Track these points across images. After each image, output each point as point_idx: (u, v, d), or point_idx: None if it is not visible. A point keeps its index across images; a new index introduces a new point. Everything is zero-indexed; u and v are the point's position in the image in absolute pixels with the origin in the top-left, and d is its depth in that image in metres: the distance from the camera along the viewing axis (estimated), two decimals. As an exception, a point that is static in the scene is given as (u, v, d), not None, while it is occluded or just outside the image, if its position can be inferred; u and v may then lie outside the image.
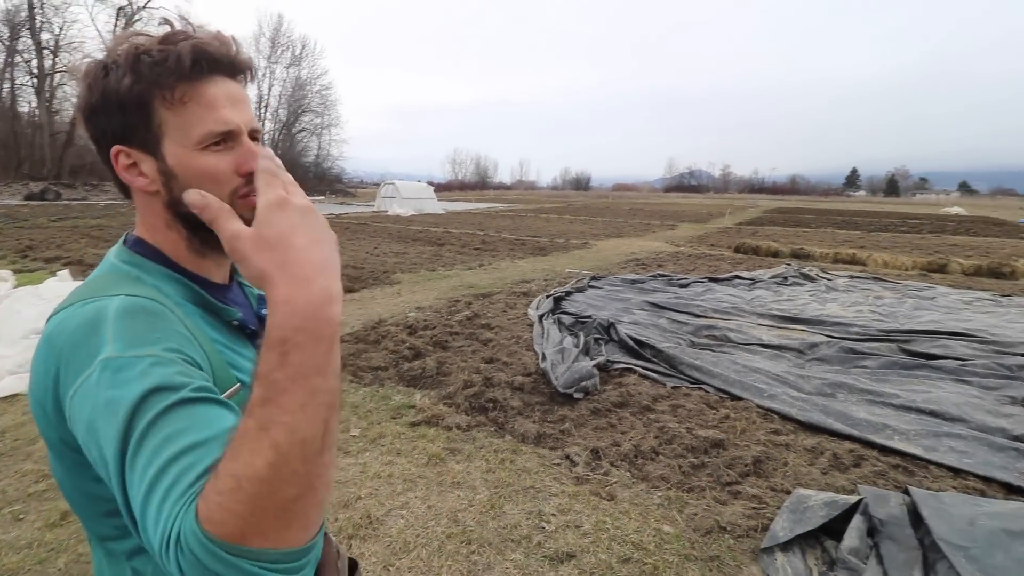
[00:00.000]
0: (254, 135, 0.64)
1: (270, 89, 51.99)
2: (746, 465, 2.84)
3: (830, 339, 4.92)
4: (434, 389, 3.83)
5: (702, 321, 5.54)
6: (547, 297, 6.38)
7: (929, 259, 10.75)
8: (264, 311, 0.55)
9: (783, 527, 2.19)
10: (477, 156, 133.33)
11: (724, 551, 2.17)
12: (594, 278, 7.92)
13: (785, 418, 3.41)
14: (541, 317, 5.48)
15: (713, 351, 4.68)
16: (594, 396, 3.69)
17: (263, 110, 51.77)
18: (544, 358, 4.15)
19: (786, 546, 2.12)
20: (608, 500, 2.52)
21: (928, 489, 2.45)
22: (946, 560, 1.78)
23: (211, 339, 0.63)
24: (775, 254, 11.71)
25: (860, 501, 2.15)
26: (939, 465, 2.87)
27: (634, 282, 7.76)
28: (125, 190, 0.64)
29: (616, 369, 4.23)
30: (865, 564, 1.95)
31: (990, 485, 2.70)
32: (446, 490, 2.57)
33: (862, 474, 2.76)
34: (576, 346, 4.48)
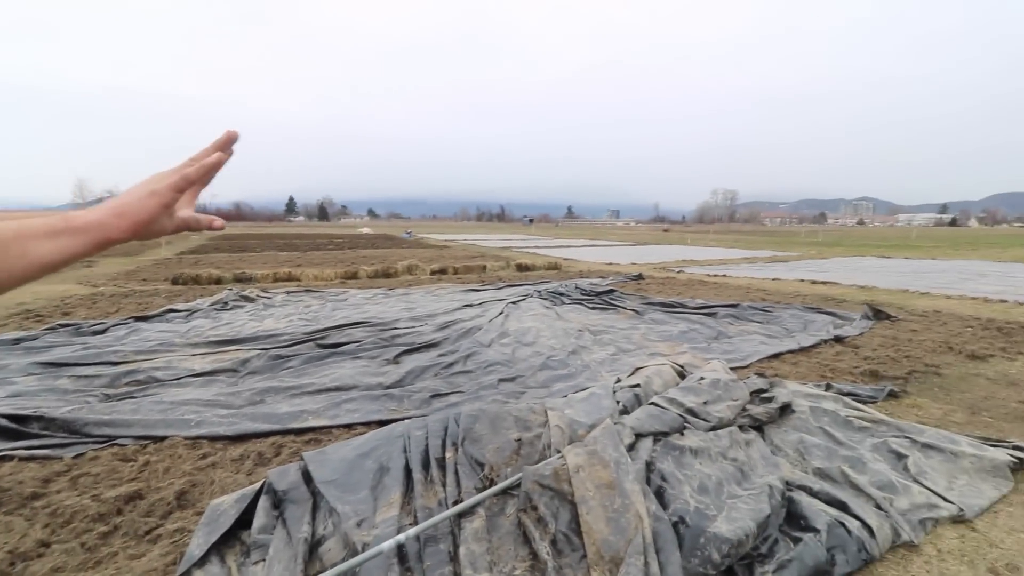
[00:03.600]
0: None
1: None
2: (168, 504, 2.65)
3: (262, 351, 5.30)
4: None
5: (121, 368, 4.76)
6: None
7: (346, 269, 13.40)
8: None
9: (198, 544, 2.17)
10: None
11: (131, 609, 1.94)
12: (-64, 350, 5.36)
13: (214, 439, 3.40)
14: None
15: (135, 397, 4.11)
16: (-78, 519, 2.49)
17: None
18: None
19: (202, 560, 2.11)
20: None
21: (320, 450, 3.03)
22: (323, 495, 2.25)
23: None
24: (218, 281, 11.53)
25: (264, 483, 2.40)
26: (339, 426, 3.62)
27: (19, 341, 5.78)
28: None
29: (-25, 466, 3.02)
30: (273, 534, 2.21)
31: (371, 426, 3.64)
32: None
33: (282, 460, 3.12)
34: None
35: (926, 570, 2.12)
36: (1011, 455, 2.85)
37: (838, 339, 6.11)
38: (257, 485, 2.46)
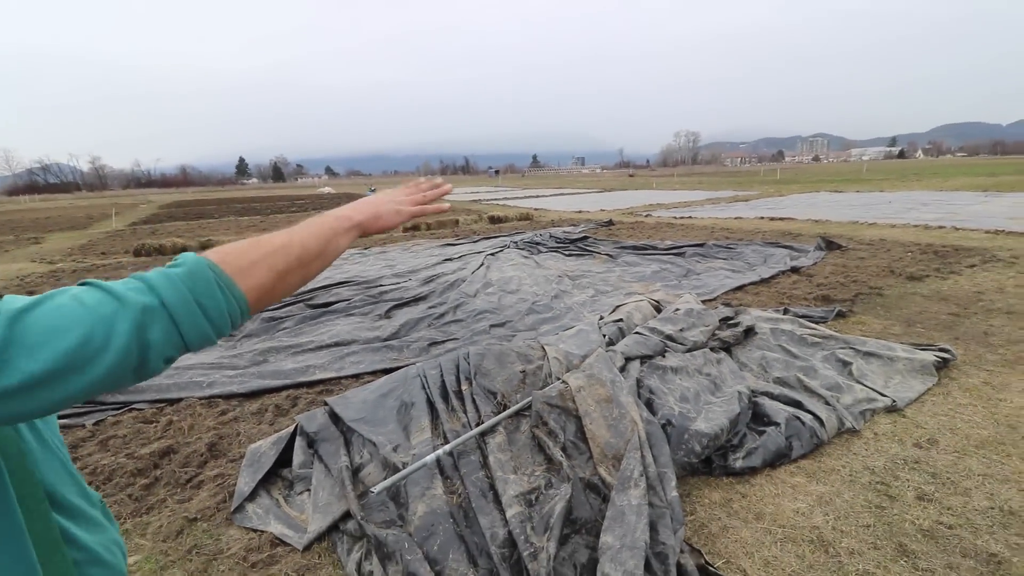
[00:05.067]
0: None
1: None
2: (201, 455, 2.88)
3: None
4: None
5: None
6: None
7: (315, 231, 13.27)
8: None
9: (245, 482, 2.44)
10: None
11: (200, 535, 2.22)
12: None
13: (229, 397, 3.61)
14: None
15: (138, 365, 4.23)
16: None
17: None
18: None
19: (252, 495, 2.39)
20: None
21: (341, 395, 3.29)
22: (353, 431, 2.53)
23: None
24: (183, 250, 11.14)
25: (296, 427, 2.66)
26: (347, 377, 3.88)
27: (-5, 322, 5.70)
28: None
29: None
30: (312, 469, 2.48)
31: (377, 375, 3.90)
32: None
33: (300, 409, 3.37)
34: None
35: (865, 449, 2.58)
36: (937, 356, 3.36)
37: (794, 270, 6.63)
38: (290, 429, 2.72)
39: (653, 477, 2.09)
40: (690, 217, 14.09)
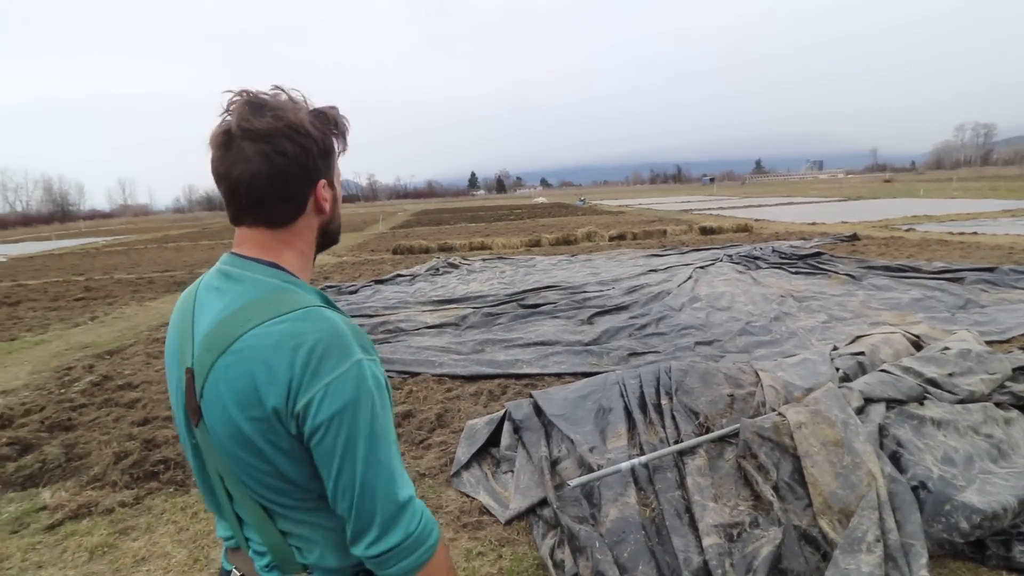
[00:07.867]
0: None
1: None
2: (431, 422, 3.43)
3: (475, 309, 6.17)
4: (71, 478, 3.05)
5: (376, 319, 6.04)
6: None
7: (529, 237, 14.33)
8: None
9: (463, 452, 2.82)
10: (46, 178, 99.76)
11: (427, 490, 2.65)
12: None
13: (454, 377, 4.20)
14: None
15: (390, 342, 5.22)
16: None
17: None
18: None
19: (467, 465, 2.75)
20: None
21: (544, 390, 3.54)
22: (554, 425, 2.71)
23: None
24: (426, 250, 13.39)
25: (505, 412, 2.96)
26: (550, 375, 4.14)
27: (304, 298, 7.66)
28: (291, 215, 0.80)
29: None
30: (516, 452, 2.75)
31: (576, 377, 4.07)
32: (130, 572, 2.20)
33: (508, 397, 3.74)
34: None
35: None
36: None
37: None
38: (500, 413, 3.05)
39: (894, 546, 1.74)
40: (975, 233, 11.02)
